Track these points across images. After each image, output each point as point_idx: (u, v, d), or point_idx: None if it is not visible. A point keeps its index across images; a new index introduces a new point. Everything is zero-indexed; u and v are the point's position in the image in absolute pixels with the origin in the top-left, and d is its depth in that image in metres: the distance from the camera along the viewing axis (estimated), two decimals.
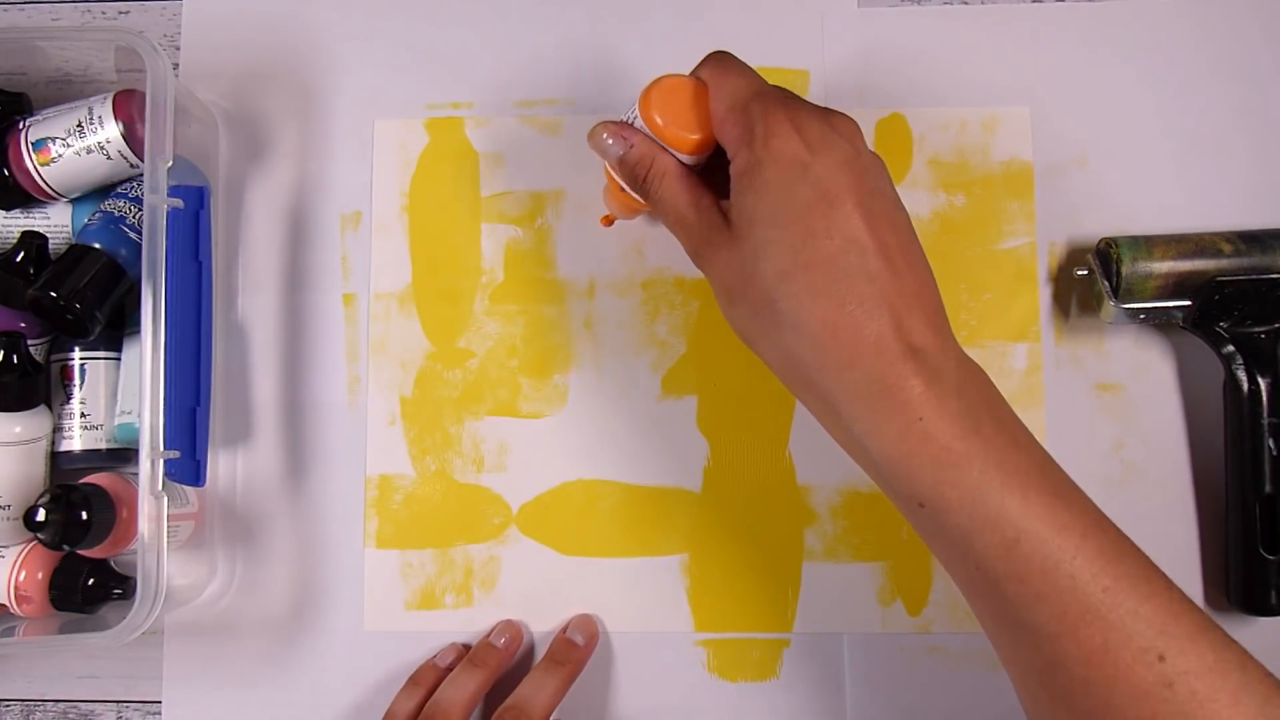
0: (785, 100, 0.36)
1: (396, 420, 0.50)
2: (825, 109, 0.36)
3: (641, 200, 0.41)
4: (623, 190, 0.42)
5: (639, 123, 0.40)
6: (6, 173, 0.47)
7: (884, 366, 0.32)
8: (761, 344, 0.36)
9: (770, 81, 0.38)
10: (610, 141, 0.40)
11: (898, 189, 0.50)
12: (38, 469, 0.47)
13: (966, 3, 0.52)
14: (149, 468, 0.43)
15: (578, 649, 0.47)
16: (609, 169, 0.42)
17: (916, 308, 0.34)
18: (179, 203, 0.44)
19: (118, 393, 0.49)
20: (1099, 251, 0.48)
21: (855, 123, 0.36)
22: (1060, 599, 0.31)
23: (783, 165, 0.34)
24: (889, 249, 0.34)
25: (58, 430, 0.48)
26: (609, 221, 0.47)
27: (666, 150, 0.39)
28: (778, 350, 0.35)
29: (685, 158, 0.39)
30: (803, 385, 0.35)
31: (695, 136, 0.38)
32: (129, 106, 0.47)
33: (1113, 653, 0.30)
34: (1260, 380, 0.45)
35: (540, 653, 0.49)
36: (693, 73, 0.39)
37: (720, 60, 0.38)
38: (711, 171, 0.39)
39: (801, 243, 0.33)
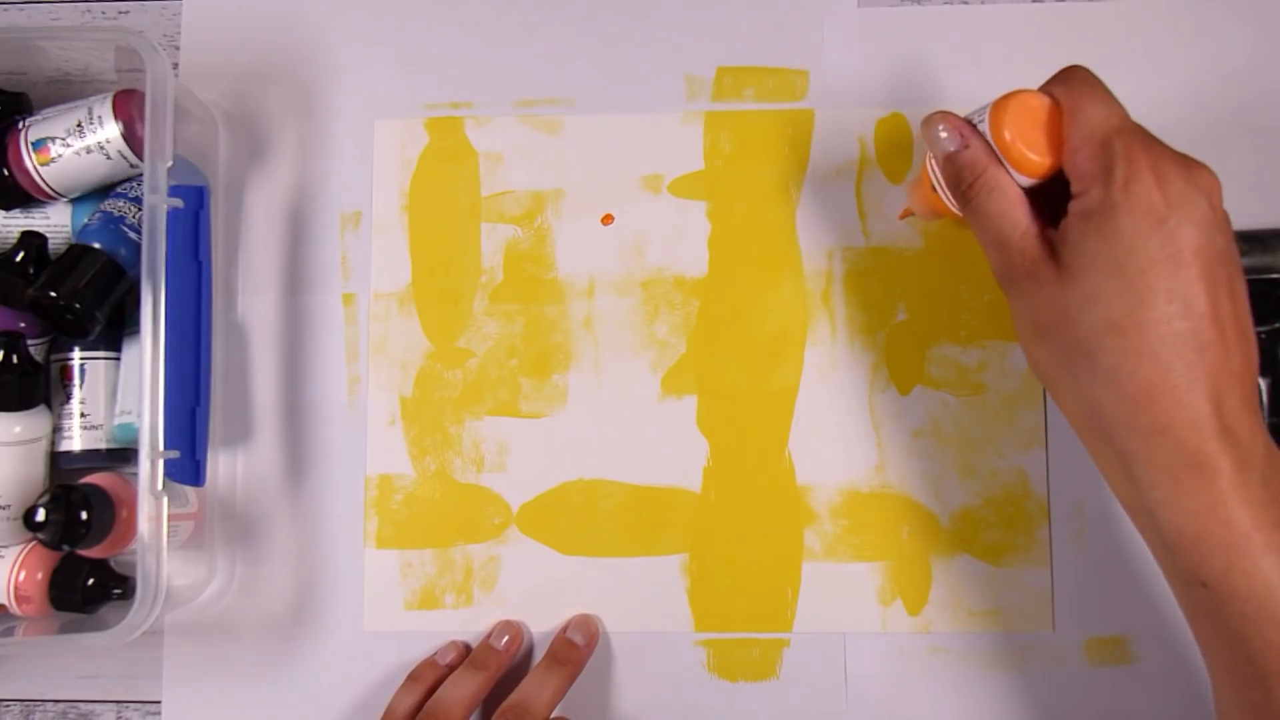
0: (1149, 143, 0.34)
1: (396, 420, 0.50)
2: (1186, 158, 0.34)
3: (956, 206, 0.39)
4: (935, 190, 0.40)
5: (984, 129, 0.38)
6: (6, 173, 0.47)
7: (1197, 441, 0.31)
8: (1062, 387, 0.35)
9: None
10: (944, 135, 0.38)
11: (899, 188, 0.50)
12: (38, 469, 0.47)
13: (966, 3, 0.52)
14: (149, 468, 0.43)
15: (578, 649, 0.47)
16: (929, 164, 0.40)
17: (1238, 385, 0.32)
18: (179, 203, 0.44)
19: (117, 393, 0.49)
20: None
21: (1215, 177, 0.34)
22: None
23: (1138, 215, 0.32)
24: (1224, 320, 0.32)
25: (58, 430, 0.48)
26: (906, 214, 0.46)
27: (1003, 164, 0.37)
28: (1081, 399, 0.34)
29: (1021, 178, 0.37)
30: (1099, 438, 0.34)
31: (1044, 161, 0.36)
32: (129, 106, 0.47)
33: None
34: (1260, 380, 0.45)
35: (540, 653, 0.49)
36: (1045, 87, 0.37)
37: (1080, 81, 0.36)
38: (1036, 194, 0.37)
39: (1139, 300, 0.32)
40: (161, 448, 0.43)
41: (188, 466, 0.44)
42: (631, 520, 0.49)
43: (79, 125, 0.47)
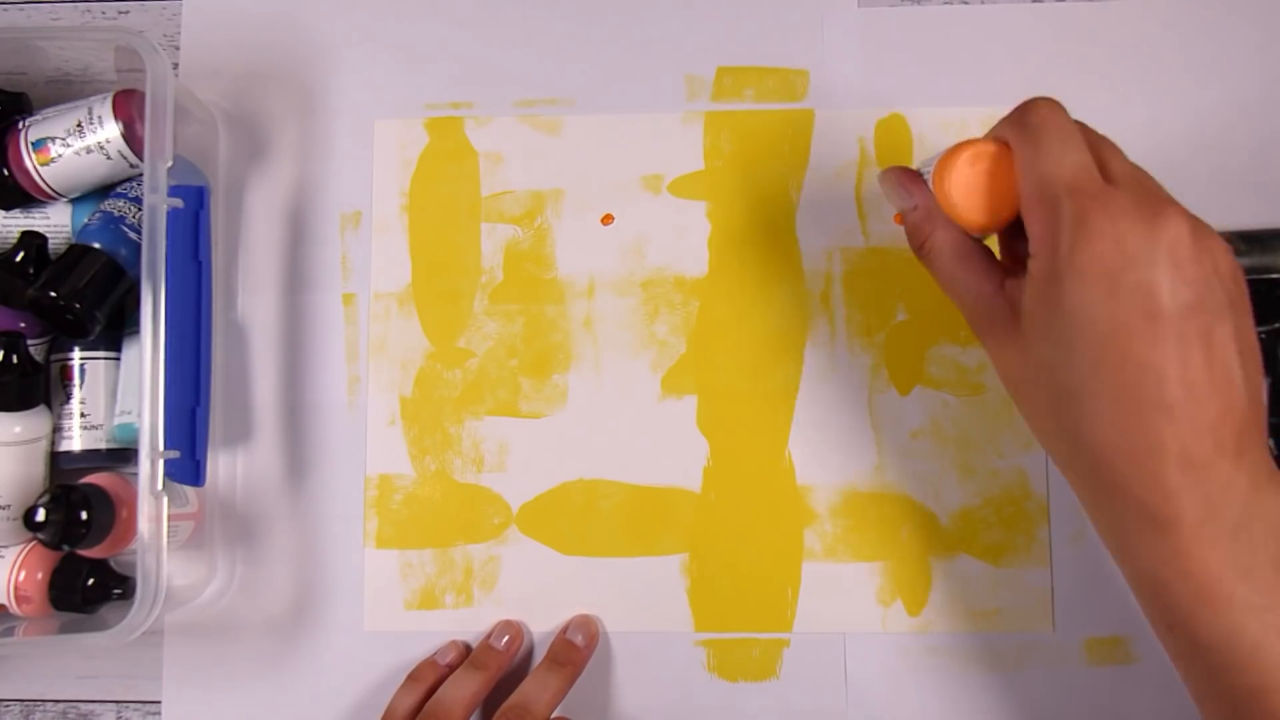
0: (1102, 200, 0.31)
1: (396, 420, 0.50)
2: (1150, 207, 0.31)
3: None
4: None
5: (930, 184, 0.36)
6: (6, 173, 0.47)
7: (1157, 500, 0.31)
8: (1040, 437, 0.35)
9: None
10: (895, 192, 0.38)
11: None
12: (37, 469, 0.47)
13: (966, 3, 0.52)
14: (149, 468, 0.43)
15: (578, 650, 0.47)
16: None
17: (1210, 436, 0.30)
18: (179, 203, 0.44)
19: (117, 393, 0.49)
20: None
21: (1182, 220, 0.31)
22: None
23: (1086, 285, 0.30)
24: (1193, 376, 0.30)
25: (58, 430, 0.48)
26: (900, 220, 0.42)
27: (952, 221, 0.36)
28: (1055, 451, 0.34)
29: (973, 234, 0.36)
30: (1075, 482, 0.34)
31: (986, 221, 0.35)
32: (129, 106, 0.47)
33: None
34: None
35: (540, 653, 0.49)
36: (1001, 128, 0.35)
37: (1035, 126, 0.33)
38: (1003, 235, 0.37)
39: (1093, 370, 0.31)
40: (161, 448, 0.43)
41: (188, 466, 0.44)
42: (631, 520, 0.49)
43: (79, 125, 0.47)
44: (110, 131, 0.47)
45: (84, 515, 0.43)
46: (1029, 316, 0.33)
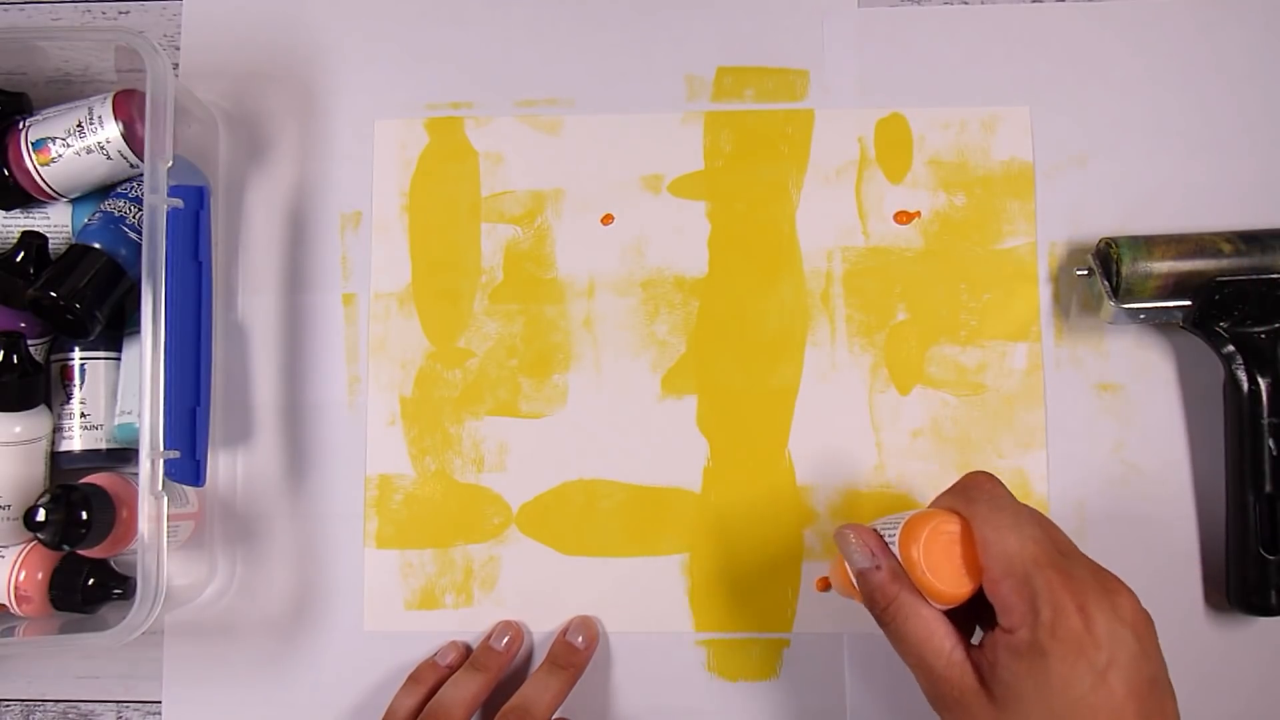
0: (1068, 576, 0.33)
1: (396, 420, 0.50)
2: (1105, 583, 0.34)
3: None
4: (853, 583, 0.39)
5: (895, 547, 0.37)
6: (6, 173, 0.47)
7: None
8: None
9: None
10: (856, 551, 0.38)
11: (899, 188, 0.50)
12: (38, 469, 0.47)
13: (966, 3, 0.52)
14: (149, 468, 0.43)
15: (578, 651, 0.47)
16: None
17: None
18: (179, 203, 0.44)
19: (118, 393, 0.49)
20: (1099, 251, 0.48)
21: (1133, 597, 0.34)
22: None
23: (1070, 659, 0.32)
24: None
25: (58, 430, 0.48)
26: (824, 586, 0.43)
27: (915, 587, 0.36)
28: None
29: (937, 604, 0.36)
30: None
31: (959, 593, 0.36)
32: (129, 106, 0.47)
33: None
34: (1260, 380, 0.45)
35: (541, 654, 0.49)
36: (949, 501, 0.37)
37: (986, 502, 0.36)
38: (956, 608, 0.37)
39: None
40: (161, 448, 0.43)
41: (188, 466, 0.44)
42: (631, 520, 0.49)
43: (79, 125, 0.47)
44: (110, 131, 0.47)
45: (84, 515, 0.43)
46: (1006, 688, 0.33)
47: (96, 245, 0.46)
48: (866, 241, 0.50)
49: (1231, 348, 0.46)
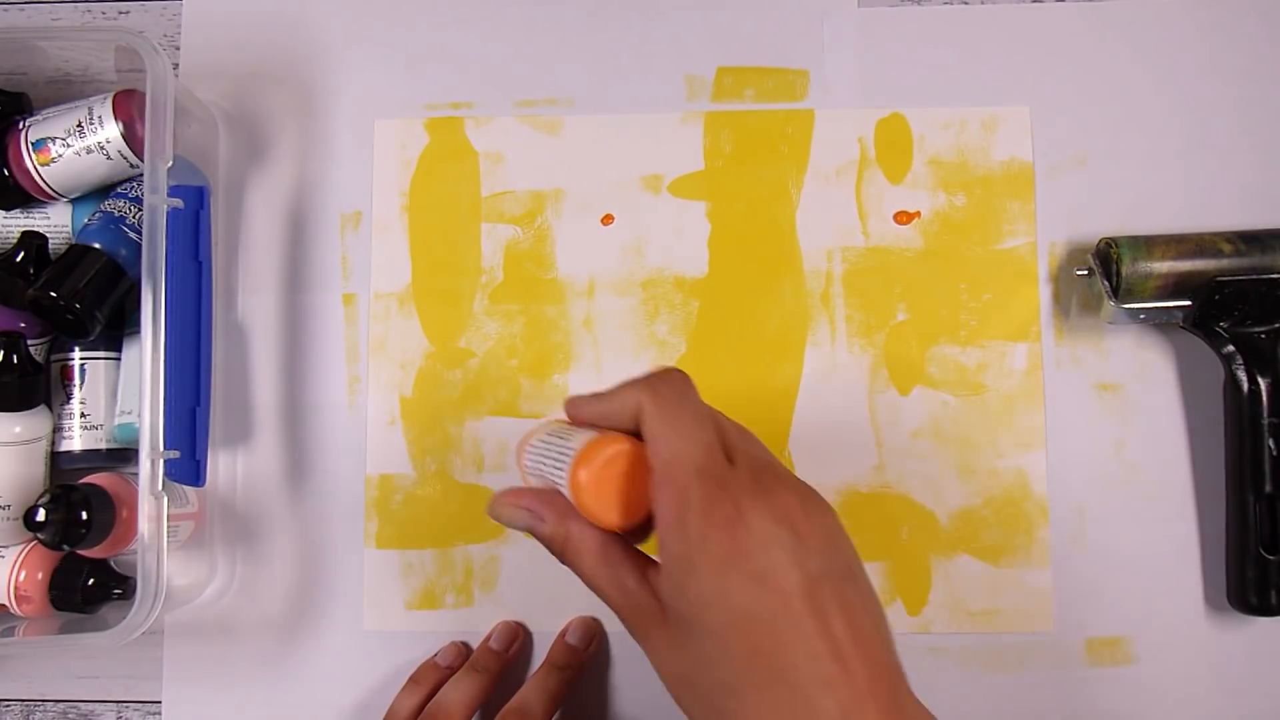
0: (722, 481, 0.30)
1: (396, 420, 0.50)
2: (761, 479, 0.31)
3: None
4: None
5: (565, 482, 0.33)
6: (6, 173, 0.47)
7: None
8: None
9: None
10: (513, 515, 0.35)
11: (899, 188, 0.50)
12: (38, 469, 0.47)
13: (966, 3, 0.52)
14: (149, 468, 0.43)
15: (578, 653, 0.47)
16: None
17: (871, 702, 0.29)
18: (179, 203, 0.44)
19: (118, 393, 0.49)
20: (1099, 251, 0.48)
21: (793, 492, 0.31)
22: None
23: (721, 571, 0.29)
24: (842, 645, 0.29)
25: (58, 430, 0.48)
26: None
27: (588, 519, 0.33)
28: None
29: (611, 529, 0.33)
30: None
31: (621, 521, 0.32)
32: (129, 106, 0.47)
33: None
34: (1260, 380, 0.45)
35: (541, 654, 0.49)
36: (633, 389, 0.33)
37: (665, 407, 0.32)
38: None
39: (747, 661, 0.29)
40: (161, 448, 0.43)
41: (188, 466, 0.44)
42: None
43: (79, 125, 0.47)
44: (110, 131, 0.47)
45: (84, 515, 0.43)
46: (672, 612, 0.31)
47: (96, 245, 0.46)
48: (866, 241, 0.50)
49: (1231, 348, 0.46)
